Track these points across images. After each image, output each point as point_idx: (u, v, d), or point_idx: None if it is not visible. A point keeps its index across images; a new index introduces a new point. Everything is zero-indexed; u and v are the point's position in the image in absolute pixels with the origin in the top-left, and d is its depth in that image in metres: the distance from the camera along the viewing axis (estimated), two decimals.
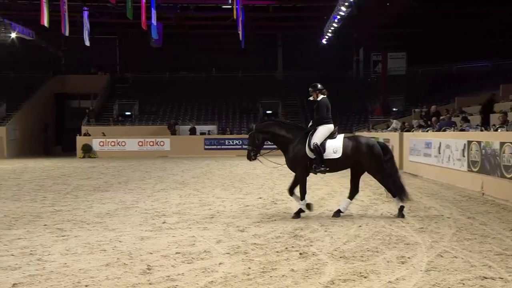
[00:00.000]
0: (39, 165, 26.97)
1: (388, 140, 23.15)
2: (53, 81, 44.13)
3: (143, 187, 15.88)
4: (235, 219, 9.88)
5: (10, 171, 22.96)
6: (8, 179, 18.97)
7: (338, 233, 8.49)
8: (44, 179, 18.68)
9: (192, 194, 13.79)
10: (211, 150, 35.18)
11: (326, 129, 9.90)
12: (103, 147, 35.32)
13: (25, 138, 38.77)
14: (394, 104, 40.06)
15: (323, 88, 10.09)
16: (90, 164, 27.69)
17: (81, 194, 14.19)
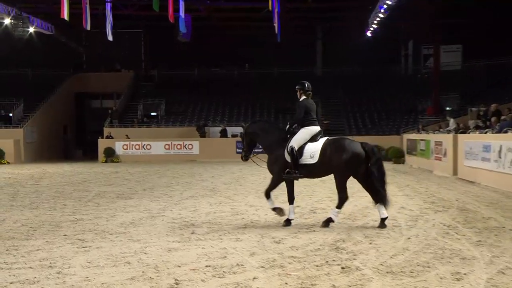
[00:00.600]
0: (58, 170, 27.51)
1: (440, 142, 22.83)
2: (73, 79, 44.94)
3: (170, 194, 16.04)
4: (270, 230, 9.88)
5: (28, 176, 23.48)
6: (26, 185, 19.42)
7: (385, 245, 8.41)
8: (64, 186, 19.05)
9: (223, 202, 13.86)
10: None
11: (306, 132, 10.21)
12: (126, 151, 35.82)
13: (44, 141, 39.54)
14: (448, 103, 39.45)
15: (310, 89, 10.47)
16: (112, 169, 28.12)
17: (103, 201, 14.43)
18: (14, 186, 19.05)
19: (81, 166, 30.63)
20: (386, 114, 39.71)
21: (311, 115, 10.34)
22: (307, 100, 10.47)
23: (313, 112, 10.35)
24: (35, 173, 25.50)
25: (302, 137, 10.25)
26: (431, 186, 17.27)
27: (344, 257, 7.66)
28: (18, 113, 39.34)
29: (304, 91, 10.53)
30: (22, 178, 22.64)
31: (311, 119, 10.32)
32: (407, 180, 19.54)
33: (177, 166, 29.99)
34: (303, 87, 10.56)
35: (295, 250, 8.16)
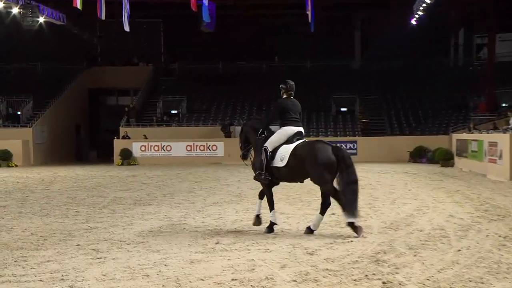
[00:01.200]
0: (70, 173, 27.87)
1: (495, 143, 22.52)
2: (86, 74, 45.51)
3: (192, 200, 16.13)
4: (303, 240, 9.87)
5: (38, 180, 23.84)
6: (35, 190, 19.71)
7: (431, 258, 8.34)
8: (77, 191, 19.28)
9: (251, 209, 13.87)
10: None
11: (282, 133, 10.69)
12: (144, 152, 36.14)
13: (55, 142, 40.07)
14: (504, 98, 38.86)
15: (292, 89, 10.85)
16: (129, 172, 28.39)
17: (119, 208, 14.58)
18: (22, 191, 19.36)
19: (95, 169, 30.97)
20: (433, 112, 39.33)
21: (290, 115, 10.69)
22: (286, 99, 10.83)
23: (293, 112, 10.72)
24: (45, 176, 25.87)
25: (278, 138, 10.72)
26: (484, 192, 17.05)
27: (385, 271, 7.61)
28: (27, 111, 39.80)
29: (286, 90, 10.90)
30: (31, 182, 22.99)
31: (289, 119, 10.70)
32: (456, 185, 19.32)
33: (200, 169, 30.12)
34: (286, 86, 10.94)
35: (330, 263, 8.14)
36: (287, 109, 10.71)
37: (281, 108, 10.75)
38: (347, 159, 10.13)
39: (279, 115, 10.77)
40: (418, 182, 20.83)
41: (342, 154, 10.16)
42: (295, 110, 10.77)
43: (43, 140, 38.64)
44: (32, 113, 39.81)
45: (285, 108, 10.72)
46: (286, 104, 10.77)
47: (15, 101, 39.87)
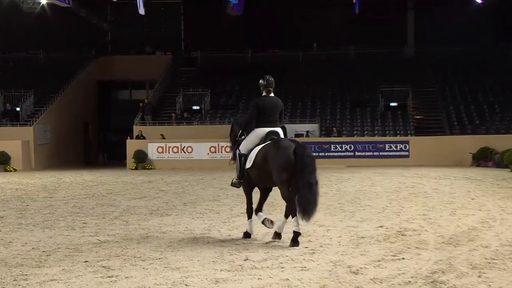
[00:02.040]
0: (77, 179, 28.13)
1: None
2: (95, 64, 45.91)
3: (217, 210, 16.18)
4: (346, 256, 9.86)
5: (40, 187, 24.12)
6: (37, 198, 19.95)
7: (499, 279, 8.25)
8: (84, 199, 19.48)
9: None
10: None
11: (254, 134, 11.60)
12: (162, 155, 36.33)
13: (59, 143, 40.44)
14: None
15: (271, 85, 11.82)
16: (145, 177, 28.57)
17: (133, 219, 14.69)
18: (22, 199, 19.60)
19: (105, 174, 31.23)
20: (501, 107, 38.83)
21: (266, 115, 11.53)
22: (264, 98, 11.70)
23: (269, 111, 11.55)
24: (48, 183, 26.15)
25: (250, 140, 11.66)
26: None
27: None
28: (28, 107, 40.08)
29: (264, 87, 11.82)
30: (33, 189, 23.27)
31: (263, 121, 11.55)
32: None
33: (226, 174, 30.17)
34: (264, 82, 11.86)
35: (378, 284, 8.11)
36: (264, 108, 11.54)
37: (257, 107, 11.57)
38: (305, 158, 10.74)
39: (255, 115, 11.59)
40: (483, 189, 20.62)
41: (301, 153, 10.76)
42: (273, 109, 11.59)
43: (46, 140, 38.93)
44: (33, 109, 40.08)
45: (262, 107, 11.56)
46: (262, 103, 11.60)
47: (13, 95, 40.10)
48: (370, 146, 35.28)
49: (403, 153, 34.64)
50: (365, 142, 35.72)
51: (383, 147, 35.11)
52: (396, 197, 18.41)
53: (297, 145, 10.99)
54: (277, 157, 10.92)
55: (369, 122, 39.24)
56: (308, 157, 10.82)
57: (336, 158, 35.15)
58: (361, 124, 39.09)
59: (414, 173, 28.46)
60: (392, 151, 35.05)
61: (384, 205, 16.59)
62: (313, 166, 10.85)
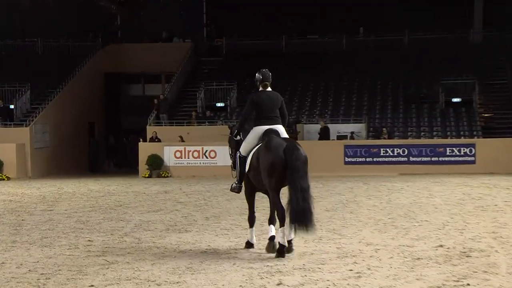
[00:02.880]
0: (81, 189, 28.30)
1: None
2: (102, 54, 46.23)
3: (244, 225, 16.11)
4: (398, 281, 9.83)
5: (38, 198, 24.27)
6: (34, 211, 20.08)
7: None
8: (89, 212, 19.58)
9: (326, 238, 13.85)
10: (355, 165, 35.15)
11: (253, 134, 12.44)
12: (180, 160, 36.38)
13: (60, 146, 40.70)
14: None
15: (267, 79, 12.58)
16: (160, 187, 28.69)
17: (146, 236, 14.73)
18: (17, 213, 19.74)
19: (114, 183, 31.38)
20: None
21: (264, 111, 12.34)
22: (261, 93, 12.51)
23: (266, 107, 12.36)
24: (47, 193, 26.33)
25: (249, 140, 12.49)
26: None
27: None
28: (23, 105, 40.42)
29: (260, 81, 12.60)
30: (29, 201, 23.42)
31: (260, 118, 12.37)
32: None
33: None
34: (260, 75, 12.65)
35: None
36: (260, 104, 12.35)
37: (252, 103, 12.42)
38: (294, 161, 11.49)
39: (251, 112, 12.48)
40: None
41: (290, 155, 11.52)
42: (270, 105, 12.38)
43: (45, 143, 39.18)
44: (30, 107, 40.41)
45: (257, 103, 12.37)
46: (259, 99, 12.39)
47: (6, 90, 40.40)
48: (427, 150, 34.99)
49: (467, 158, 34.30)
50: (422, 145, 35.47)
51: (443, 152, 34.78)
52: (460, 211, 18.26)
53: (287, 146, 11.66)
54: (265, 159, 11.72)
55: (427, 121, 38.95)
56: (297, 160, 11.51)
57: (387, 164, 34.95)
58: (416, 124, 38.83)
59: (481, 182, 28.20)
60: (455, 156, 34.75)
61: (445, 221, 16.46)
62: (304, 170, 11.56)
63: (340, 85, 42.26)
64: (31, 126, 38.07)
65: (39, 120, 38.88)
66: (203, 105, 41.47)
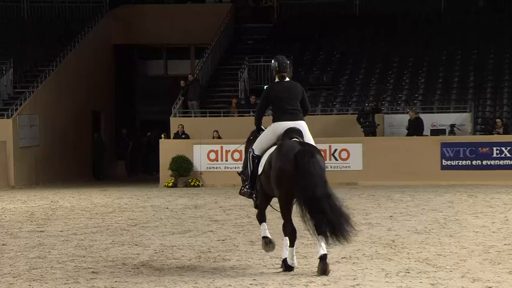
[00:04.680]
0: (82, 202, 28.53)
1: None
2: (111, 20, 46.47)
3: (303, 251, 16.13)
4: None
5: (24, 216, 24.48)
6: (18, 233, 20.22)
7: None
8: (93, 234, 19.70)
9: (414, 271, 13.81)
10: (457, 170, 34.97)
11: (271, 131, 13.79)
12: (215, 164, 36.45)
13: (53, 144, 40.94)
14: None
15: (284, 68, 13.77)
16: (188, 200, 28.86)
17: (170, 266, 14.77)
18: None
19: (127, 195, 31.60)
20: None
21: (281, 105, 13.60)
22: (277, 84, 13.80)
23: (285, 100, 13.59)
24: (36, 208, 26.56)
25: (265, 138, 13.86)
26: None
27: None
28: (3, 89, 40.70)
29: (277, 71, 13.81)
30: (12, 218, 23.66)
31: (280, 112, 13.63)
32: None
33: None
34: (276, 64, 13.76)
35: None
36: (277, 97, 13.62)
37: (268, 96, 13.83)
38: (306, 164, 12.80)
39: (266, 106, 14.07)
40: None
41: (301, 159, 12.82)
42: (289, 97, 13.58)
43: (33, 140, 39.41)
44: (13, 91, 40.76)
45: (274, 96, 13.69)
46: (275, 91, 13.70)
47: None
48: None
49: None
50: None
51: None
52: None
53: (299, 150, 12.94)
54: (275, 165, 13.03)
55: None
56: (311, 164, 12.91)
57: (502, 169, 34.66)
58: None
59: None
60: None
61: None
62: (321, 175, 13.06)
63: (434, 59, 41.97)
64: (15, 118, 38.31)
65: (25, 109, 39.15)
66: (246, 89, 41.40)
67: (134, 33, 46.37)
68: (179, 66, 47.25)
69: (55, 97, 41.04)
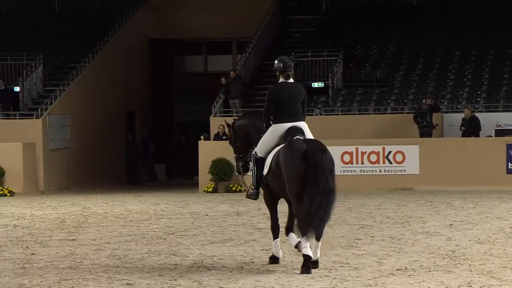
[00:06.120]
0: (116, 209, 28.68)
1: None
2: (146, 12, 46.63)
3: (353, 263, 16.16)
4: None
5: (54, 223, 24.65)
6: (48, 242, 20.37)
7: None
8: (128, 243, 19.82)
9: (477, 284, 13.70)
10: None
11: (273, 132, 15.19)
12: None
13: (85, 147, 41.06)
14: None
15: (288, 68, 15.36)
16: (230, 206, 28.96)
17: (210, 278, 14.76)
18: (25, 244, 20.04)
19: (164, 201, 31.72)
20: None
21: (285, 106, 15.07)
22: (281, 85, 15.31)
23: (289, 101, 15.11)
24: (67, 215, 26.72)
25: (268, 139, 15.26)
26: None
27: None
28: (33, 86, 40.73)
29: (281, 71, 15.36)
30: (42, 226, 23.77)
31: (282, 114, 15.10)
32: None
33: (369, 200, 30.19)
34: (280, 64, 15.36)
35: None
36: (281, 99, 15.08)
37: (276, 97, 15.11)
38: (318, 158, 14.33)
39: (274, 107, 15.12)
40: None
41: (312, 154, 14.32)
42: (292, 98, 15.14)
43: (64, 142, 39.53)
44: (43, 89, 40.86)
45: (278, 97, 15.10)
46: (279, 92, 15.15)
47: (9, 65, 40.97)
48: None
49: None
50: None
51: None
52: None
53: (309, 147, 14.47)
54: (286, 162, 14.46)
55: None
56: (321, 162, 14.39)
57: None
58: None
59: None
60: None
61: None
62: (330, 169, 14.61)
63: (501, 53, 41.74)
64: (44, 118, 38.44)
65: (55, 108, 39.26)
66: None
67: (171, 26, 46.43)
68: (220, 62, 47.27)
69: (87, 96, 41.13)
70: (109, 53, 43.27)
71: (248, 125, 16.36)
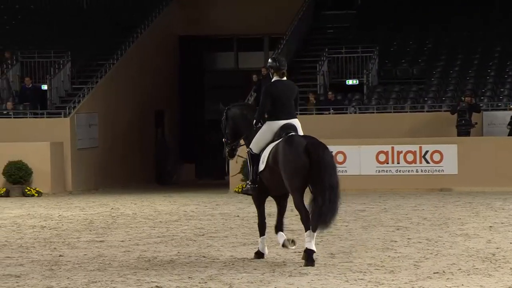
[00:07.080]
0: (144, 210, 28.78)
1: None
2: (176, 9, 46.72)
3: (389, 266, 16.16)
4: None
5: (82, 224, 24.79)
6: (76, 243, 20.49)
7: None
8: (157, 245, 19.86)
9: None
10: None
11: (267, 129, 16.17)
12: None
13: (114, 146, 41.17)
14: None
15: (283, 66, 16.54)
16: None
17: (241, 281, 14.78)
18: (52, 245, 20.17)
19: (194, 201, 31.82)
20: None
21: (280, 104, 16.14)
22: (276, 83, 16.38)
23: (284, 99, 16.21)
24: (95, 216, 26.87)
25: (262, 136, 16.22)
26: None
27: None
28: (61, 85, 40.91)
29: (276, 69, 16.43)
30: (69, 227, 23.94)
31: (276, 111, 16.15)
32: None
33: (405, 201, 30.14)
34: (275, 63, 16.46)
35: None
36: (277, 96, 16.15)
37: (272, 94, 16.16)
38: (321, 155, 15.27)
39: (270, 104, 16.13)
40: None
41: (315, 150, 15.31)
42: (287, 96, 16.25)
43: (92, 142, 39.63)
44: (71, 87, 41.05)
45: (274, 95, 16.16)
46: (275, 90, 16.22)
47: (36, 63, 41.11)
48: None
49: None
50: None
51: None
52: None
53: (309, 142, 15.46)
54: (287, 158, 15.36)
55: None
56: (324, 157, 15.31)
57: None
58: None
59: None
60: None
61: None
62: (333, 165, 15.52)
63: None
64: (72, 116, 38.59)
65: (83, 107, 39.41)
66: (325, 84, 41.36)
67: (201, 23, 46.42)
68: (251, 59, 47.24)
69: (116, 94, 41.24)
70: (137, 50, 43.39)
71: (238, 114, 17.22)
